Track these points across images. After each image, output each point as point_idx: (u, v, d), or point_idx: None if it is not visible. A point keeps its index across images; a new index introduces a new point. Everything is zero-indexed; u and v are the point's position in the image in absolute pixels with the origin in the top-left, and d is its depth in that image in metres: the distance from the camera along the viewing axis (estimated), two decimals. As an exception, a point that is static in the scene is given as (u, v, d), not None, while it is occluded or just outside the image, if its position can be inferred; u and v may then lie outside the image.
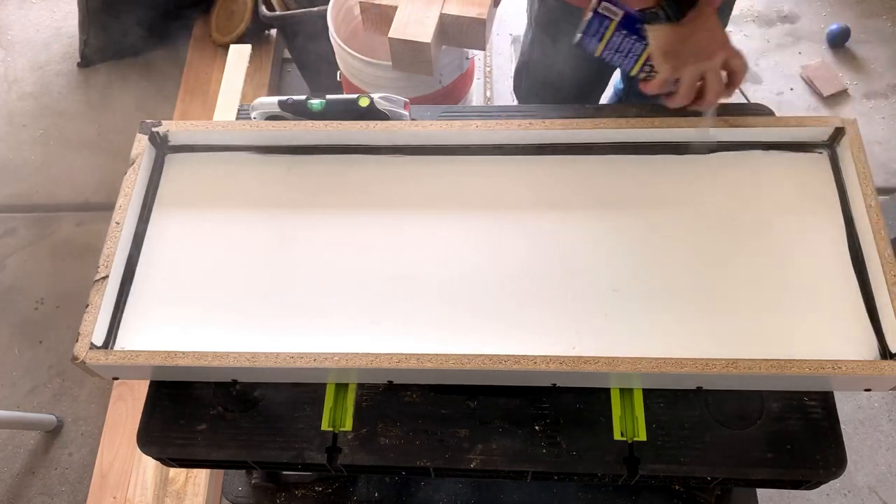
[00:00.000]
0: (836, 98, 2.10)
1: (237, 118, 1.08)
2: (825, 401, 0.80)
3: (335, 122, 0.92)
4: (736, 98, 0.92)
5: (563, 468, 0.79)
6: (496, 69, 2.21)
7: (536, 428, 0.81)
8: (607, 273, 0.83)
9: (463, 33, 1.47)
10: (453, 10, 1.44)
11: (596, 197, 0.89)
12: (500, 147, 0.93)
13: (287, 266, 0.86)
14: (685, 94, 0.84)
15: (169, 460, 0.86)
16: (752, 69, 2.17)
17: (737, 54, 0.84)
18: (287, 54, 2.37)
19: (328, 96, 0.95)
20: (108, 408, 1.65)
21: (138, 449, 0.84)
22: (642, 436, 0.79)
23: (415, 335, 0.80)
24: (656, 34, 0.82)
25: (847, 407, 1.61)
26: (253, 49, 2.15)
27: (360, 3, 1.49)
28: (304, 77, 2.19)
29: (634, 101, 1.14)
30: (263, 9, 1.94)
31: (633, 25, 0.83)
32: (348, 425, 0.82)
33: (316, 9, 1.84)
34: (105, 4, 2.26)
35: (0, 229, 2.07)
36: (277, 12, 1.96)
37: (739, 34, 2.27)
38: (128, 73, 2.39)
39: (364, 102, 0.93)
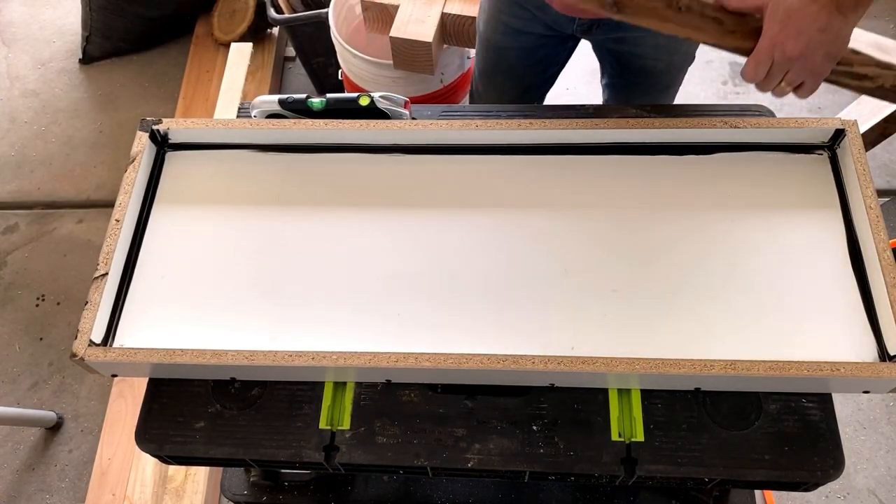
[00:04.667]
0: (843, 96, 2.09)
1: (238, 116, 1.08)
2: (823, 402, 0.80)
3: (335, 121, 0.92)
4: (735, 99, 0.92)
5: (560, 468, 0.79)
6: (498, 69, 2.20)
7: (534, 428, 0.81)
8: (606, 273, 0.83)
9: (464, 32, 1.47)
10: (454, 9, 1.44)
11: (596, 197, 0.89)
12: (501, 147, 0.93)
13: (286, 264, 0.87)
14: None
15: (167, 458, 0.86)
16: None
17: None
18: (289, 52, 2.37)
19: (328, 95, 0.95)
20: (108, 405, 1.65)
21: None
22: (640, 436, 0.79)
23: (413, 334, 0.80)
24: None
25: (847, 409, 1.61)
26: (254, 47, 2.16)
27: (362, 1, 1.49)
28: (312, 79, 2.19)
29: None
30: (272, 11, 1.94)
31: None
32: (346, 424, 0.82)
33: (324, 10, 1.84)
34: (107, 2, 2.27)
35: (1, 226, 2.08)
36: (286, 15, 1.96)
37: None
38: (130, 71, 2.40)
39: (364, 101, 0.93)
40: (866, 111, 1.58)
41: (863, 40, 0.71)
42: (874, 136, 1.58)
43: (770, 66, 0.67)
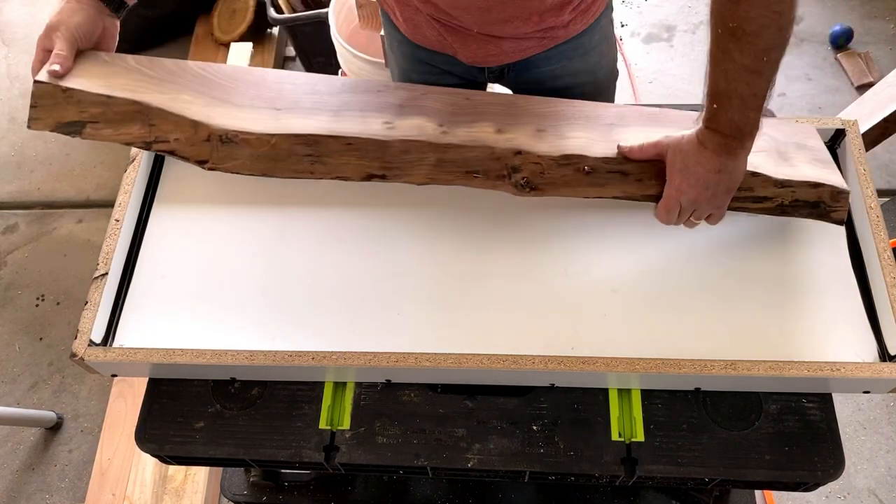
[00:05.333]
0: (843, 96, 2.09)
1: (237, 116, 1.07)
2: (824, 402, 0.80)
3: (335, 121, 0.92)
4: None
5: (560, 468, 0.79)
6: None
7: (534, 428, 0.81)
8: (606, 273, 0.83)
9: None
10: (455, 9, 1.43)
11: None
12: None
13: (286, 264, 0.87)
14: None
15: (167, 458, 0.86)
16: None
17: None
18: (289, 52, 2.37)
19: (328, 95, 0.95)
20: (108, 405, 1.65)
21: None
22: (640, 436, 0.79)
23: (413, 334, 0.80)
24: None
25: (847, 409, 1.61)
26: (254, 47, 2.15)
27: (357, 0, 1.49)
28: (310, 77, 2.19)
29: None
30: (272, 11, 1.94)
31: None
32: (346, 424, 0.82)
33: (324, 10, 1.84)
34: (107, 2, 2.27)
35: (1, 226, 2.08)
36: (286, 14, 1.96)
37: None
38: (130, 71, 2.39)
39: (364, 101, 0.93)
40: (867, 111, 1.58)
41: (764, 147, 0.79)
42: (874, 136, 1.58)
43: (679, 210, 0.76)
